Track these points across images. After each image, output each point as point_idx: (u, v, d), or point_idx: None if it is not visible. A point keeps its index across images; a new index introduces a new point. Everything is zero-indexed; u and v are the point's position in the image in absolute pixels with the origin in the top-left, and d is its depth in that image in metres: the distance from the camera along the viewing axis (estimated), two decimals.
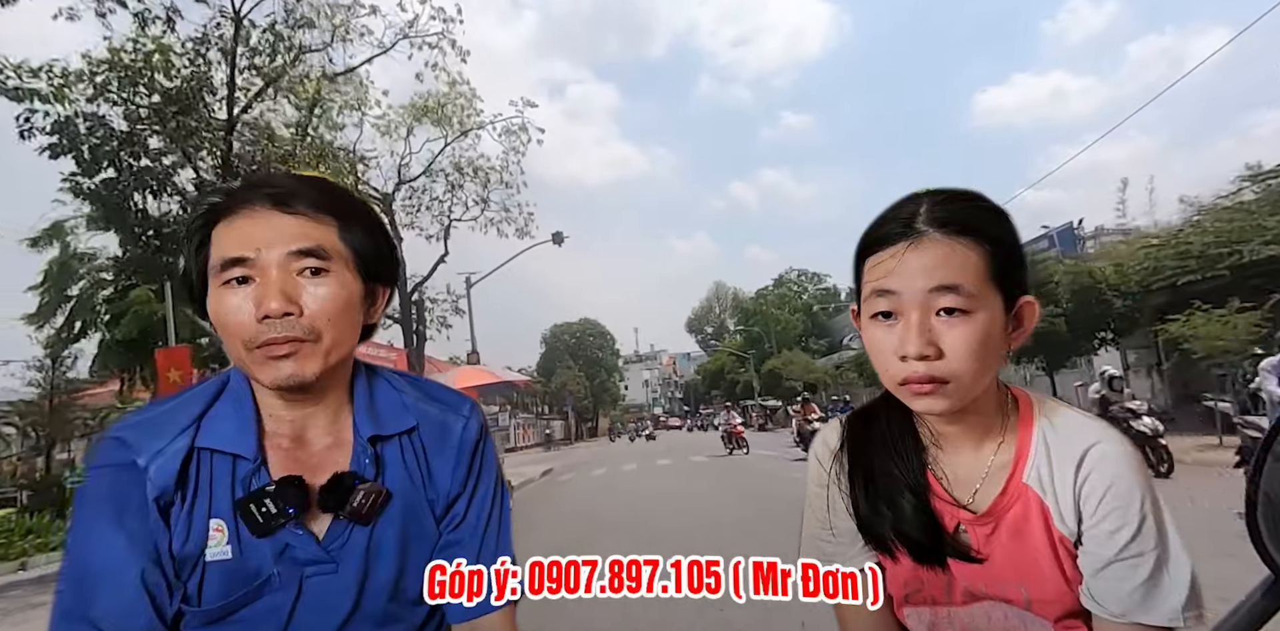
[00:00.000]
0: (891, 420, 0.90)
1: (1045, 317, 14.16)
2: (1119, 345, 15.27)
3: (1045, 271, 14.70)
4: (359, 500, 0.82)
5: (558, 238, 19.44)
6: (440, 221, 18.62)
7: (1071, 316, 14.06)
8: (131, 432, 0.81)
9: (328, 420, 0.87)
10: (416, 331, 17.74)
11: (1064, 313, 14.19)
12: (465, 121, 17.64)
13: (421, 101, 17.50)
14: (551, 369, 54.63)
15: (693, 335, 69.22)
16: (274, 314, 0.76)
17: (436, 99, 17.45)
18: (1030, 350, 14.45)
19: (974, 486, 0.86)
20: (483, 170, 18.34)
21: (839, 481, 0.92)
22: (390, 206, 17.09)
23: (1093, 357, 15.30)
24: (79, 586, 0.77)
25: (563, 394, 50.30)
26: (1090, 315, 13.92)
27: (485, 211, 18.97)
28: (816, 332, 50.07)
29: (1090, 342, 14.49)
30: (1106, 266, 14.24)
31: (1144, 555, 0.77)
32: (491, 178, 18.40)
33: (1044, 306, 15.19)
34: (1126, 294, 13.83)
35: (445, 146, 17.74)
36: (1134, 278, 13.92)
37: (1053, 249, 18.65)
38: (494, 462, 0.95)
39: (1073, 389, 16.16)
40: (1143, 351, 16.35)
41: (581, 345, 59.09)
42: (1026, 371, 21.23)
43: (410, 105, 17.52)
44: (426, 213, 18.44)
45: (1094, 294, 13.83)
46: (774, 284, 56.62)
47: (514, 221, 19.17)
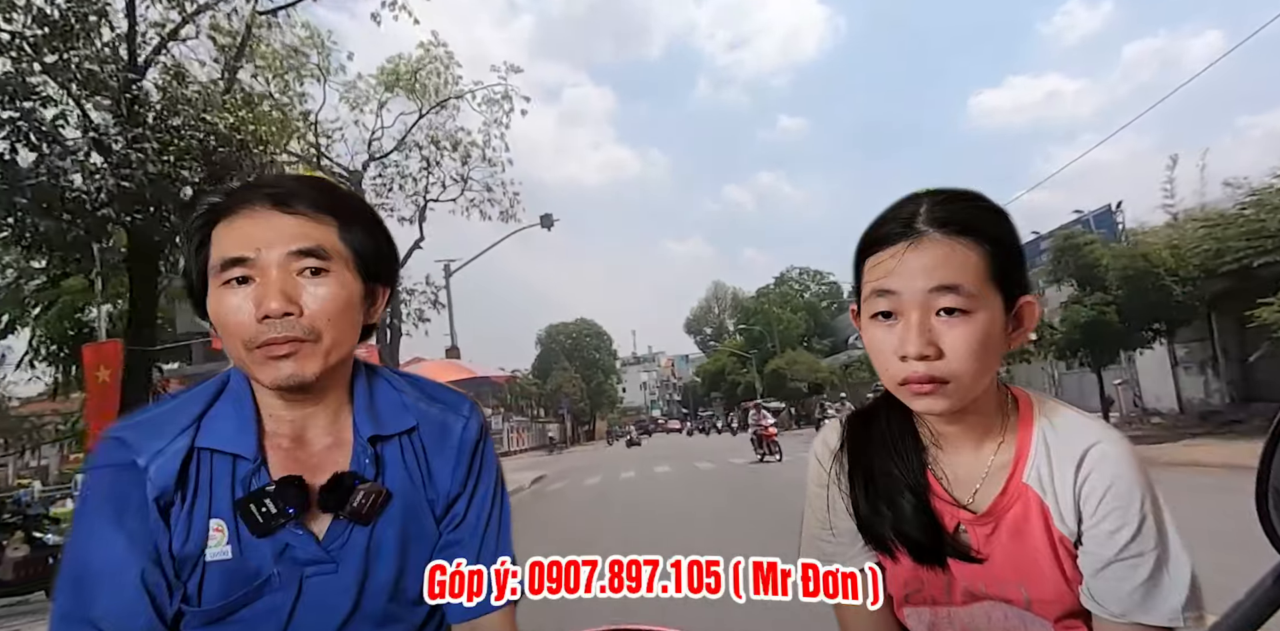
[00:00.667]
0: (891, 420, 0.92)
1: (1094, 306, 12.87)
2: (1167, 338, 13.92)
3: (1091, 255, 13.35)
4: (359, 500, 0.83)
5: (546, 221, 17.96)
6: (415, 202, 16.92)
7: (1124, 305, 12.68)
8: (131, 432, 0.82)
9: (328, 420, 0.89)
10: (390, 325, 16.07)
11: (1114, 301, 12.82)
12: (442, 90, 15.95)
13: (392, 66, 15.80)
14: (547, 370, 53.76)
15: (691, 336, 69.15)
16: (274, 314, 0.78)
17: (409, 63, 15.79)
18: (1076, 343, 13.09)
19: (974, 486, 0.87)
20: (462, 144, 16.54)
21: (839, 481, 0.93)
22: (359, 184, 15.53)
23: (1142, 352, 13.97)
24: (79, 586, 0.78)
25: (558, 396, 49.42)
26: (1146, 303, 12.52)
27: (466, 191, 17.28)
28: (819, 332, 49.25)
29: (1143, 334, 13.11)
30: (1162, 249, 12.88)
31: (1144, 555, 0.79)
32: (472, 153, 16.64)
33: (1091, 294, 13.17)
34: (1186, 279, 12.46)
35: (420, 117, 15.99)
36: (1192, 261, 12.58)
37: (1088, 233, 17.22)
38: (494, 462, 0.96)
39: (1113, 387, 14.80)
40: (1194, 345, 15.02)
41: (578, 346, 58.55)
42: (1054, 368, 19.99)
43: (380, 71, 15.80)
44: (400, 192, 16.76)
45: (1150, 279, 12.44)
46: (775, 282, 56.15)
47: (498, 202, 17.42)
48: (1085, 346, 13.13)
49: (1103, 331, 12.77)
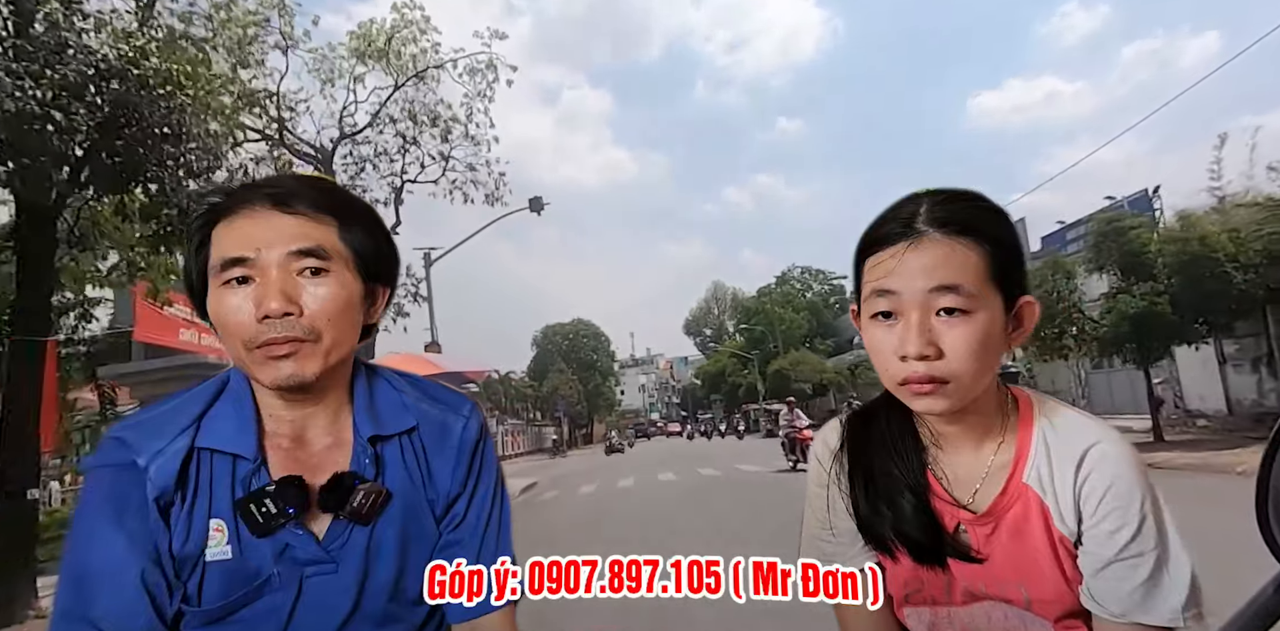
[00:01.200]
0: (891, 420, 0.92)
1: (1143, 296, 11.66)
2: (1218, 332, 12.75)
3: (1138, 240, 12.17)
4: (359, 500, 0.84)
5: (535, 204, 16.38)
6: (390, 183, 15.30)
7: (1178, 295, 11.49)
8: (131, 432, 0.83)
9: (328, 420, 0.89)
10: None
11: (1167, 290, 11.62)
12: (420, 59, 14.30)
13: (363, 32, 14.18)
14: (543, 372, 52.72)
15: (691, 337, 68.64)
16: (274, 314, 0.79)
17: (382, 29, 14.18)
18: (1124, 337, 11.91)
19: (974, 486, 0.88)
20: (442, 119, 14.95)
21: (839, 481, 0.94)
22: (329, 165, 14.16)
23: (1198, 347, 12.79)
24: (79, 586, 0.79)
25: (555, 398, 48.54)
26: (1203, 293, 11.33)
27: (447, 171, 15.59)
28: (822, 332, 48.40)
29: (1198, 328, 11.93)
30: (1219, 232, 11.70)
31: (1144, 555, 0.79)
32: (454, 130, 15.02)
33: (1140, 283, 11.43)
34: (1246, 266, 11.28)
35: (396, 89, 14.39)
36: (1254, 245, 11.41)
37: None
38: (494, 462, 0.97)
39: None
40: (1246, 341, 13.89)
41: (575, 347, 57.67)
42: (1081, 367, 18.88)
43: (350, 36, 14.10)
44: (374, 171, 15.08)
45: (1208, 266, 11.24)
46: (777, 281, 55.11)
47: (482, 184, 15.74)
48: (1133, 341, 11.94)
49: (1153, 324, 11.63)
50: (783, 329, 46.37)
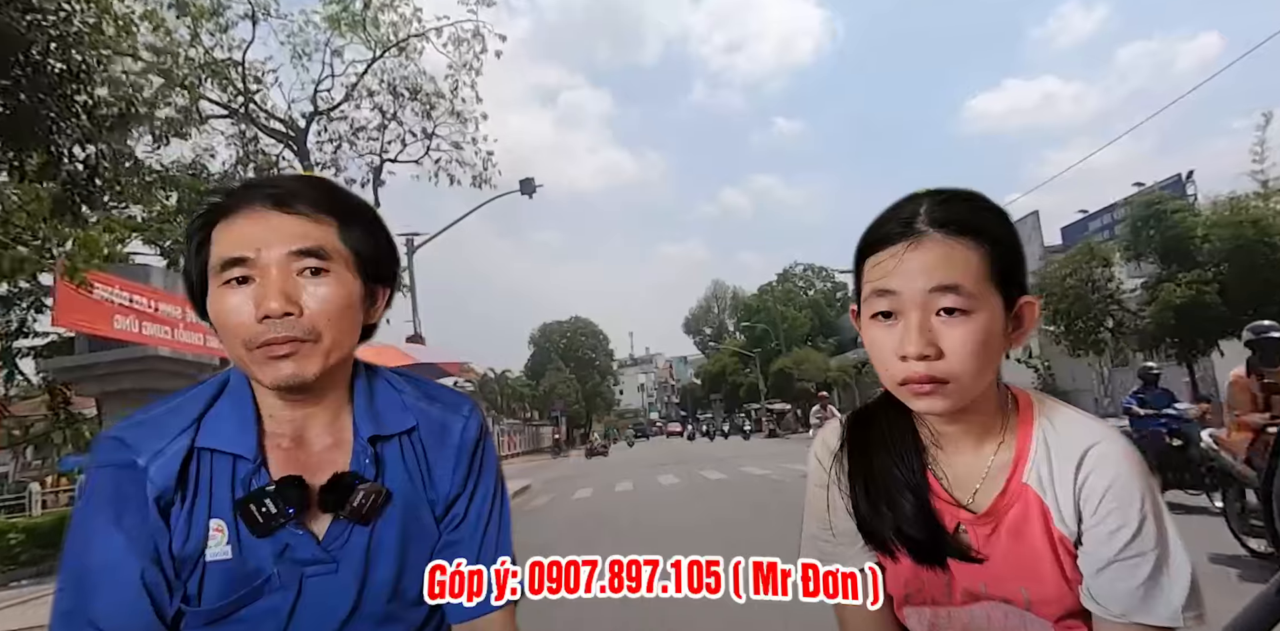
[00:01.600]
0: (891, 420, 0.93)
1: (1190, 284, 10.70)
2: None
3: (1183, 226, 11.27)
4: (359, 500, 0.85)
5: (527, 187, 15.11)
6: (370, 162, 14.25)
7: (1228, 283, 10.58)
8: (132, 432, 0.84)
9: (328, 420, 0.90)
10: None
11: (1215, 278, 10.69)
12: (400, 27, 13.37)
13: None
14: (541, 371, 51.91)
15: (691, 336, 68.22)
16: (274, 314, 0.79)
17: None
18: (1168, 330, 10.97)
19: (974, 486, 0.88)
20: (425, 93, 13.98)
21: (839, 481, 0.94)
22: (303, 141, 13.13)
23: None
24: (79, 586, 0.80)
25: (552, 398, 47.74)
26: (1258, 281, 10.41)
27: (431, 150, 14.59)
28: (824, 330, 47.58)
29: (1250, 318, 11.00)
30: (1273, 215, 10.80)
31: (1144, 555, 0.80)
32: (437, 105, 14.05)
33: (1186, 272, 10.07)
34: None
35: (375, 59, 13.45)
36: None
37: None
38: (494, 462, 0.98)
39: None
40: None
41: (573, 346, 57.07)
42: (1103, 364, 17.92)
43: (325, 2, 13.14)
44: (350, 149, 14.06)
45: (1263, 253, 10.32)
46: (778, 279, 54.27)
47: (469, 164, 14.88)
48: (1178, 334, 11.02)
49: (1200, 315, 10.74)
50: (785, 327, 45.88)
